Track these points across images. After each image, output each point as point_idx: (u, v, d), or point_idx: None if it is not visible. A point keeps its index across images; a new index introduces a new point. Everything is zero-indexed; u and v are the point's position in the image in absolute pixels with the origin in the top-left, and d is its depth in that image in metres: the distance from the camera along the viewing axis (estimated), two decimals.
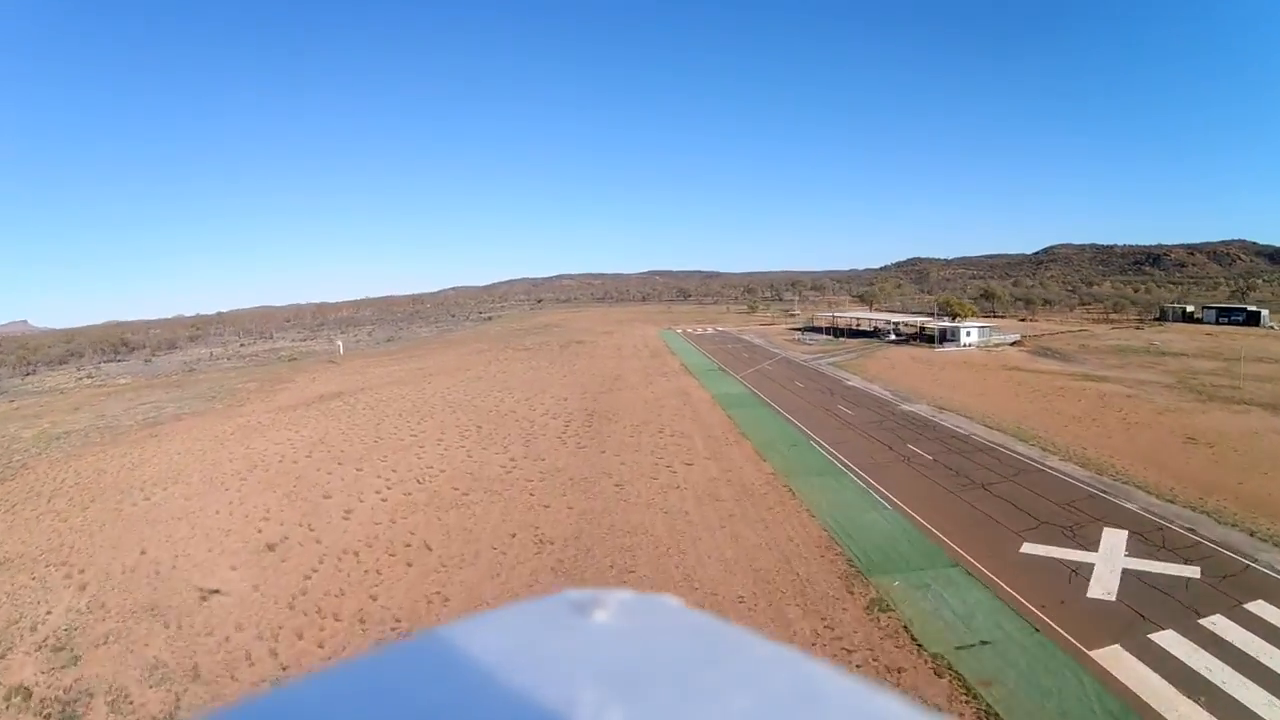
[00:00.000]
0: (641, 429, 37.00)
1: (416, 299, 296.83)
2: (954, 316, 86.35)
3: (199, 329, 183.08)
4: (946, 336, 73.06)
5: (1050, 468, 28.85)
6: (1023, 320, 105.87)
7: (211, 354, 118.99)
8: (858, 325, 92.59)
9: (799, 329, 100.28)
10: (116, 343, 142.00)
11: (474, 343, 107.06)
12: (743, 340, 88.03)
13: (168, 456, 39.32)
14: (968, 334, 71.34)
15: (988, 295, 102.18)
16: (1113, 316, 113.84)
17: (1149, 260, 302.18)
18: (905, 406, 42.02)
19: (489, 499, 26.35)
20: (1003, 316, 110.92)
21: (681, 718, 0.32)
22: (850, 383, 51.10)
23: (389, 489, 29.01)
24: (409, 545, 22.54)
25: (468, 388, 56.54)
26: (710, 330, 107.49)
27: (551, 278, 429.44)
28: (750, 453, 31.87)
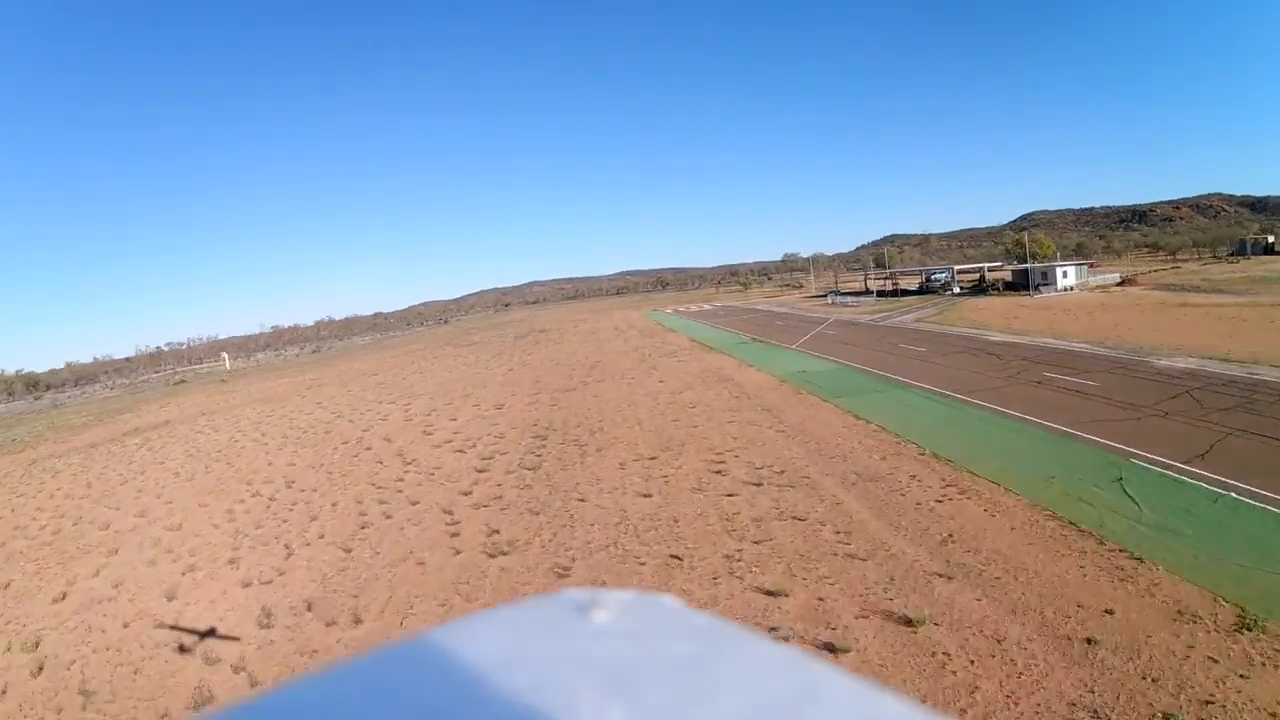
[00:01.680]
0: (668, 467, 14.88)
1: (380, 316, 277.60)
2: (1022, 259, 65.98)
3: (124, 364, 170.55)
4: (1043, 279, 54.00)
5: None
6: (1088, 265, 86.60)
7: (105, 385, 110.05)
8: (896, 284, 72.80)
9: (821, 295, 79.55)
10: (18, 384, 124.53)
11: (410, 344, 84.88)
12: (759, 310, 66.33)
13: None
14: (1064, 275, 54.07)
15: (1034, 241, 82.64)
16: (1179, 255, 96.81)
17: (1135, 217, 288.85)
18: (1164, 362, 21.33)
19: None
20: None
21: (681, 718, 0.31)
22: (992, 338, 29.73)
23: None
24: None
25: (349, 400, 34.15)
26: (707, 306, 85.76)
27: (522, 285, 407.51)
28: (1032, 522, 9.93)
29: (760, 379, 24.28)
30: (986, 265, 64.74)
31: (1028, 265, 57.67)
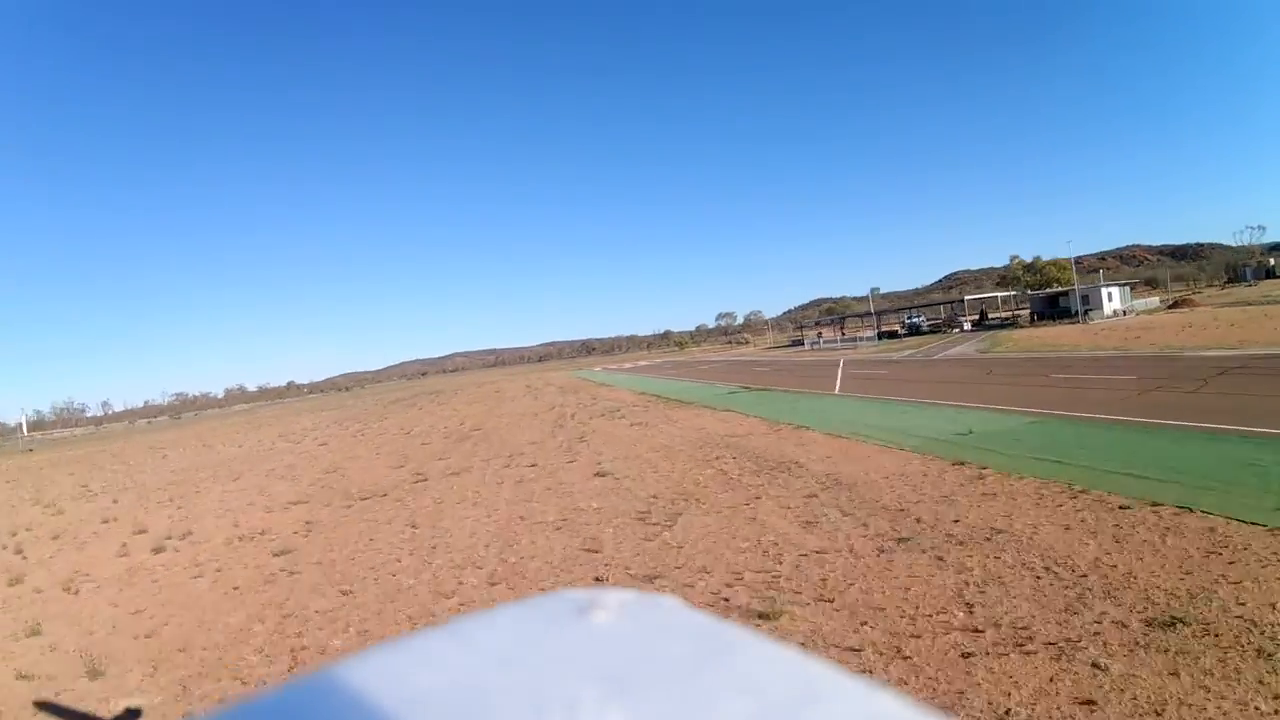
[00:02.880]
0: None
1: (293, 385, 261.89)
2: (1037, 287, 55.12)
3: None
4: (1084, 305, 45.03)
5: None
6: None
7: None
8: (882, 327, 62.82)
9: (790, 345, 67.52)
10: None
11: (275, 412, 67.04)
12: (717, 361, 51.97)
13: None
14: (1109, 298, 45.72)
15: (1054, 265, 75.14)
16: (1172, 286, 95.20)
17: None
18: None
19: None
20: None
21: (681, 718, 0.31)
22: (1210, 354, 15.63)
23: None
24: None
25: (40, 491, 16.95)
26: (645, 362, 71.19)
27: (444, 356, 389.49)
28: None
29: (881, 459, 8.96)
30: (999, 295, 53.02)
31: (1071, 288, 46.82)
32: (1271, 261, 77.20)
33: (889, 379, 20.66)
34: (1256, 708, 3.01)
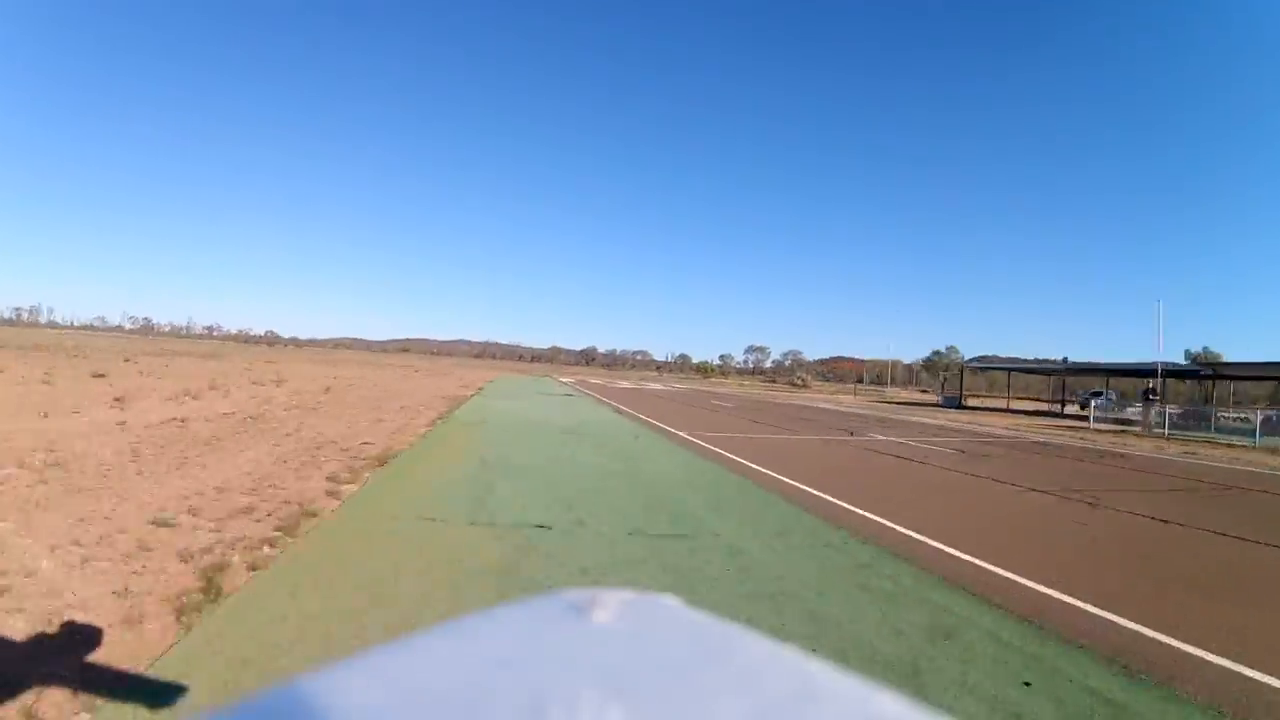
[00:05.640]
0: None
1: (271, 336, 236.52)
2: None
3: None
4: None
5: None
6: None
7: None
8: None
9: (944, 405, 36.23)
10: None
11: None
12: (877, 419, 20.70)
13: None
14: None
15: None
16: None
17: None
18: None
19: None
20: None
21: (681, 717, 0.31)
22: None
23: None
24: None
25: None
26: (659, 386, 40.44)
27: (452, 340, 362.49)
28: None
29: None
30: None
31: None
32: None
33: None
34: None
